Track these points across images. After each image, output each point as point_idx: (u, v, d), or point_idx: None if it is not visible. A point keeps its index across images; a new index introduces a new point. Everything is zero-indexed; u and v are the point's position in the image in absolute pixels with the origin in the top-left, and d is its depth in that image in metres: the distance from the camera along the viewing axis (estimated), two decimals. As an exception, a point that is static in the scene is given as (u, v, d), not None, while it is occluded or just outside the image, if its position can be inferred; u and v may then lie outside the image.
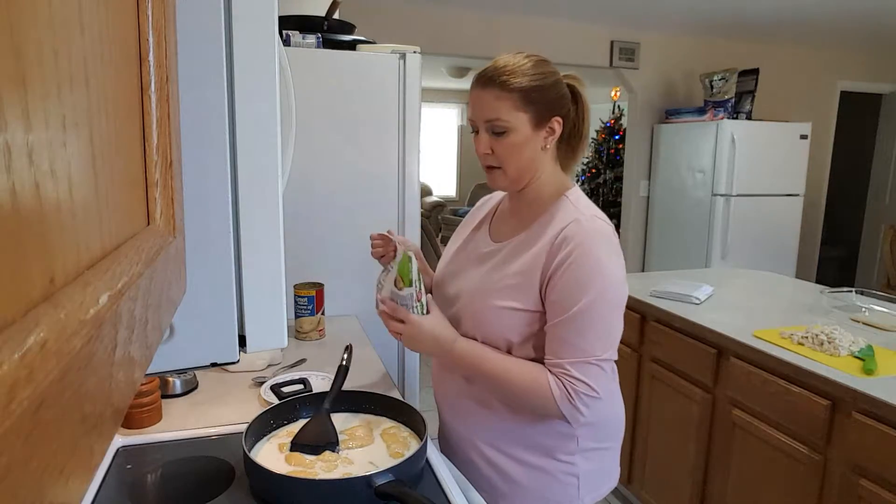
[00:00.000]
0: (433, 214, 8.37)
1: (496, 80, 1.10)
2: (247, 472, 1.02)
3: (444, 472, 1.08)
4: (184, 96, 0.50)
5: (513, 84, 1.10)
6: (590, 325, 1.07)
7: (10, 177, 0.18)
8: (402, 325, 1.14)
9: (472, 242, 1.29)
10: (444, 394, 1.29)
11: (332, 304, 2.07)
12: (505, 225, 1.25)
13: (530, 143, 1.13)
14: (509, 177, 1.16)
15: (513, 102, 1.10)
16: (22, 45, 0.19)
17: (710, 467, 2.08)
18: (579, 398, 1.06)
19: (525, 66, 1.11)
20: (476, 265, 1.23)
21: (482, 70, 1.14)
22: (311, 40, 2.01)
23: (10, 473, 0.16)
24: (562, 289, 1.08)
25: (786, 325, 2.03)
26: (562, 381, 1.07)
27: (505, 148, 1.13)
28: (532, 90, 1.10)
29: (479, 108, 1.13)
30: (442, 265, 1.33)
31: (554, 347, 1.09)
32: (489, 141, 1.13)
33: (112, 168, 0.31)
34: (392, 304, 1.16)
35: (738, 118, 4.26)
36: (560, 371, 1.07)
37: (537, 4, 3.89)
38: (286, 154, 0.69)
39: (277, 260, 0.58)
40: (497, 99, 1.10)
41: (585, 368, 1.07)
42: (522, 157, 1.14)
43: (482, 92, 1.12)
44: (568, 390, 1.06)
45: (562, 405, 1.07)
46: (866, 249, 5.78)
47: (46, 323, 0.19)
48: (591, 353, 1.07)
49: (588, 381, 1.07)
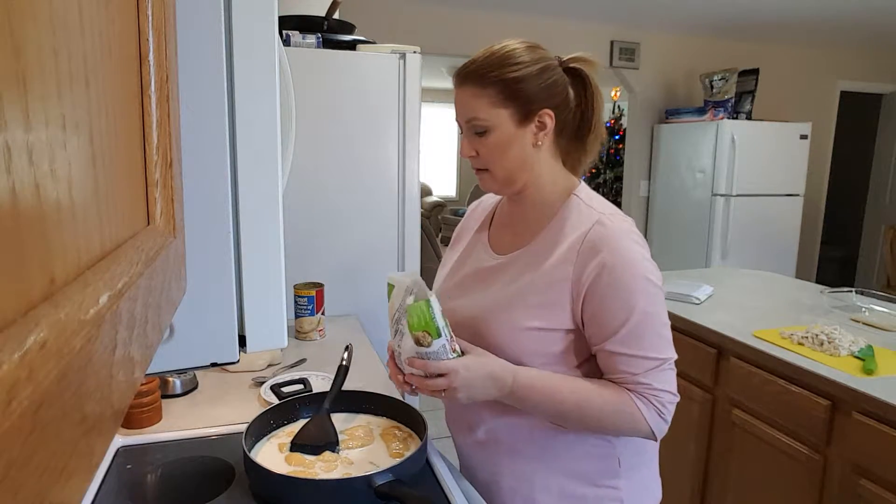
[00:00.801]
0: (433, 214, 8.37)
1: (472, 75, 1.00)
2: (247, 472, 1.02)
3: (444, 472, 1.08)
4: (184, 96, 0.50)
5: (490, 77, 0.99)
6: (649, 332, 0.98)
7: (10, 177, 0.18)
8: (445, 380, 0.95)
9: (471, 257, 1.16)
10: (459, 423, 1.17)
11: (332, 304, 2.06)
12: (508, 233, 1.13)
13: (517, 141, 1.02)
14: (498, 179, 1.05)
15: (490, 98, 0.99)
16: (22, 45, 0.19)
17: (710, 467, 2.08)
18: (666, 409, 0.99)
19: (506, 56, 1.00)
20: (482, 283, 1.10)
21: (460, 67, 1.03)
22: (311, 40, 2.01)
23: (10, 473, 0.16)
24: (609, 306, 0.97)
25: (786, 325, 2.03)
26: (646, 397, 0.98)
27: (488, 148, 1.02)
28: (512, 82, 0.99)
29: (458, 107, 1.04)
30: (439, 285, 1.20)
31: (621, 366, 0.99)
32: (471, 142, 1.04)
33: (112, 168, 0.31)
34: (421, 362, 0.97)
35: (738, 118, 4.26)
36: (642, 388, 0.98)
37: (537, 4, 3.89)
38: (286, 154, 0.69)
39: (277, 260, 0.58)
40: (474, 96, 1.00)
41: (662, 376, 0.99)
42: (509, 156, 1.02)
43: (459, 90, 1.03)
44: (656, 405, 0.98)
45: (654, 423, 0.98)
46: (866, 249, 5.78)
47: (46, 323, 0.19)
48: (661, 358, 0.99)
49: (669, 388, 0.99)
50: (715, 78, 4.30)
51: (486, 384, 0.97)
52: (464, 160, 6.27)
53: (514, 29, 4.17)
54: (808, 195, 4.74)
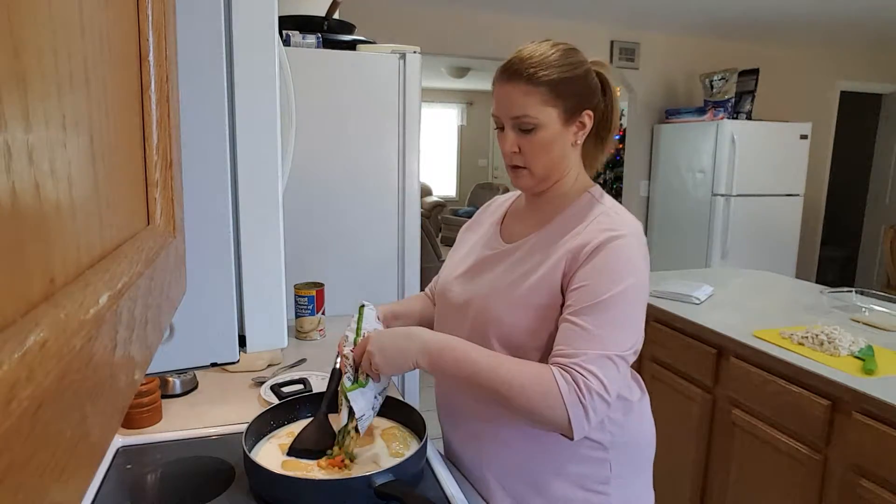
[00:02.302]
0: (433, 214, 8.37)
1: (523, 72, 1.01)
2: (247, 472, 1.02)
3: (443, 472, 1.08)
4: (184, 96, 0.50)
5: (541, 77, 1.00)
6: (614, 317, 0.95)
7: (10, 177, 0.18)
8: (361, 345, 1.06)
9: (479, 246, 1.19)
10: (449, 413, 1.18)
11: (332, 304, 2.06)
12: (519, 224, 1.15)
13: (560, 139, 1.04)
14: (536, 176, 1.06)
15: (541, 97, 1.01)
16: (22, 44, 0.19)
17: (710, 467, 2.08)
18: (591, 395, 0.91)
19: (553, 57, 1.02)
20: (489, 268, 1.12)
21: (507, 62, 1.04)
22: (311, 40, 2.01)
23: (10, 473, 0.16)
24: (590, 276, 0.97)
25: (786, 325, 2.03)
26: (570, 373, 0.92)
27: (533, 146, 1.03)
28: (561, 83, 1.01)
29: (505, 104, 1.03)
30: (448, 272, 1.21)
31: (567, 337, 0.95)
32: (516, 139, 1.04)
33: (112, 168, 0.31)
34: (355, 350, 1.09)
35: (738, 118, 4.26)
36: (571, 362, 0.93)
37: (538, 4, 3.89)
38: (286, 154, 0.69)
39: (277, 260, 0.58)
40: (524, 94, 1.01)
41: (601, 362, 0.93)
42: (552, 155, 1.05)
43: (507, 86, 1.03)
44: (578, 384, 0.91)
45: (569, 401, 0.90)
46: (866, 249, 5.78)
47: (46, 323, 0.19)
48: (610, 347, 0.94)
49: (602, 377, 0.92)
50: (715, 78, 4.30)
51: (398, 342, 1.02)
52: (464, 160, 6.20)
53: (515, 29, 4.17)
54: (808, 195, 4.73)
